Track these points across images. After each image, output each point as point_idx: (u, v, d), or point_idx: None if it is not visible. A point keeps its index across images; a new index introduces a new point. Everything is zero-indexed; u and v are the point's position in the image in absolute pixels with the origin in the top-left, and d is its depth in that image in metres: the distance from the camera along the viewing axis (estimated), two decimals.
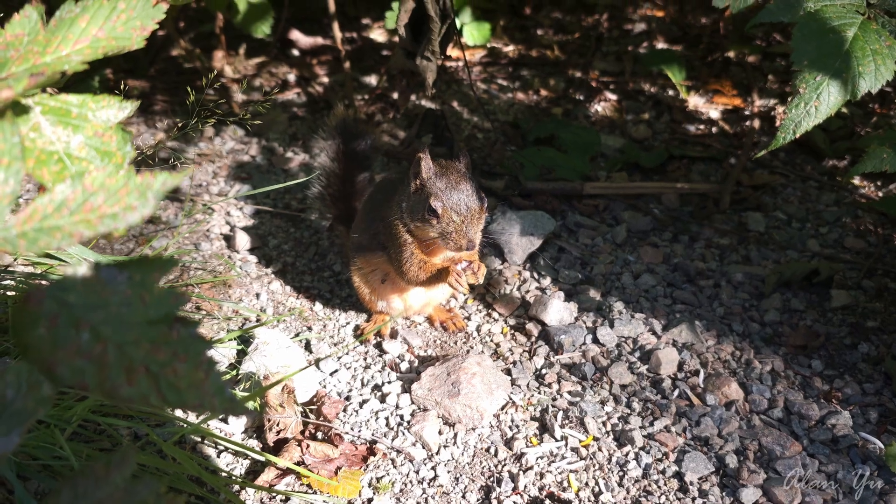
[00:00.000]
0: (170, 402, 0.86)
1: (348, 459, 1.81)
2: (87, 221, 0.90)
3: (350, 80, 3.61)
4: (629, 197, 2.97)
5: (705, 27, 4.48)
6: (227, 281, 2.43)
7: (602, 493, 1.79)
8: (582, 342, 2.25)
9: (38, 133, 1.06)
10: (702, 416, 2.00)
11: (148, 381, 0.87)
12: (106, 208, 0.92)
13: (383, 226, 2.09)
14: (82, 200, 0.92)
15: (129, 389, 0.86)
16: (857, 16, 1.77)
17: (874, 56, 1.68)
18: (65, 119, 1.11)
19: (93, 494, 0.96)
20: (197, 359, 0.90)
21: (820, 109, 1.68)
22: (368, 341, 2.24)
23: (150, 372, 0.87)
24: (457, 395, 1.95)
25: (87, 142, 1.11)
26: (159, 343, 0.89)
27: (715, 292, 2.48)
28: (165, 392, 0.87)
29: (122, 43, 1.12)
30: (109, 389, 0.85)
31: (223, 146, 3.30)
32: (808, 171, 3.18)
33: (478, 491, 1.80)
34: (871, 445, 1.94)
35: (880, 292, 2.50)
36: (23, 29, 1.11)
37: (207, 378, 0.89)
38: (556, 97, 3.79)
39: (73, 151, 1.10)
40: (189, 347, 0.90)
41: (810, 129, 1.76)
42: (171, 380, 0.88)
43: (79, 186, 0.93)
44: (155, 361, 0.88)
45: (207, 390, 0.88)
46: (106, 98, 1.15)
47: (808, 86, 1.68)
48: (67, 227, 0.90)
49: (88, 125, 1.12)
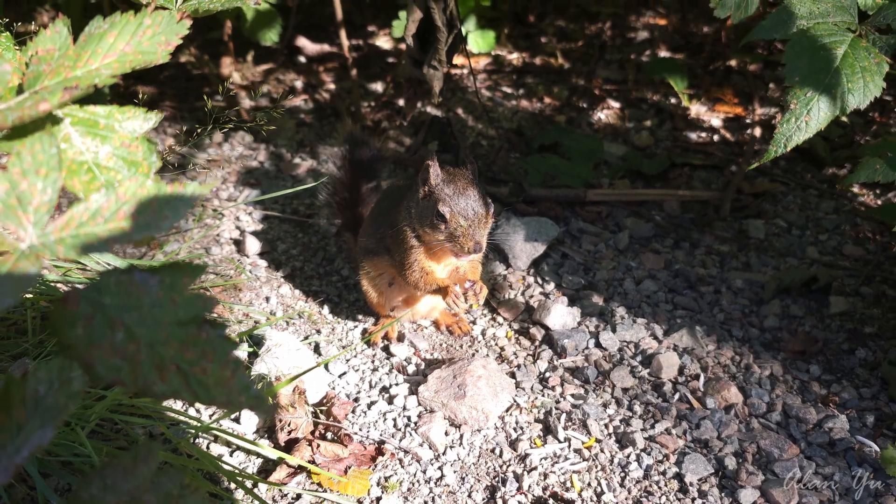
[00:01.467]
0: (200, 399, 0.92)
1: (357, 459, 1.86)
2: (122, 229, 0.96)
3: (357, 88, 3.67)
4: (631, 204, 3.02)
5: (707, 36, 4.54)
6: (238, 285, 2.48)
7: (604, 493, 1.84)
8: (585, 346, 2.30)
9: (68, 144, 1.12)
10: (702, 419, 2.04)
11: (179, 379, 0.92)
12: (139, 217, 0.97)
13: (391, 231, 2.14)
14: (115, 209, 0.98)
15: (161, 386, 0.91)
16: (847, 33, 1.83)
17: (863, 73, 1.73)
18: (93, 130, 1.16)
19: (121, 486, 1.02)
20: (224, 358, 0.95)
21: (810, 125, 1.73)
22: (376, 344, 2.29)
23: (180, 370, 0.93)
24: (463, 398, 2.00)
25: (115, 152, 1.16)
26: (188, 343, 0.94)
27: (715, 298, 2.53)
28: (196, 388, 0.92)
29: (148, 57, 1.17)
30: (143, 386, 0.90)
31: (232, 152, 3.36)
32: (808, 179, 3.23)
33: (483, 490, 1.85)
34: (867, 448, 1.98)
35: (878, 299, 2.54)
36: (54, 44, 1.17)
37: (234, 376, 0.94)
38: (559, 105, 3.85)
39: (101, 161, 1.15)
40: (217, 347, 0.95)
41: (803, 142, 1.82)
42: (199, 377, 0.93)
43: (112, 196, 0.98)
44: (184, 360, 0.93)
45: (234, 388, 0.93)
46: (131, 109, 1.21)
47: (800, 101, 1.73)
48: (102, 234, 0.96)
49: (115, 136, 1.18)
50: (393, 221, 2.13)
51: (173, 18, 1.25)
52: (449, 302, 2.07)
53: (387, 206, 2.25)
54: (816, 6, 1.93)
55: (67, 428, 1.66)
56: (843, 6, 1.95)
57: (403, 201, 2.12)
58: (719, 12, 2.27)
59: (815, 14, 1.92)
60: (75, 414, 1.69)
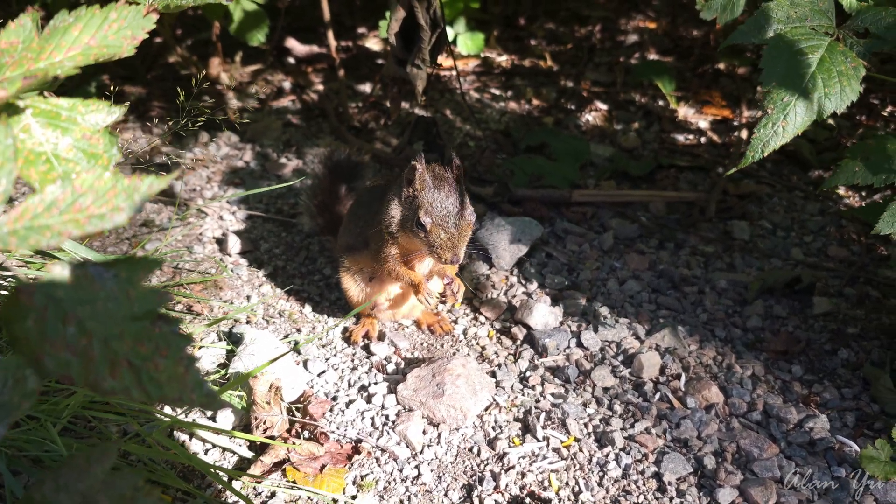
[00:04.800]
0: (151, 396, 0.91)
1: (333, 458, 1.85)
2: (76, 221, 0.95)
3: (344, 88, 3.66)
4: (617, 205, 3.02)
5: (697, 39, 4.54)
6: (219, 283, 2.47)
7: (582, 492, 1.83)
8: (566, 346, 2.29)
9: (28, 134, 1.11)
10: (682, 419, 2.04)
11: (130, 375, 0.91)
12: (94, 209, 0.96)
13: (373, 224, 2.14)
14: (71, 201, 0.97)
15: (111, 382, 0.90)
16: (825, 37, 1.83)
17: (840, 77, 1.73)
18: (54, 121, 1.16)
19: (74, 486, 1.00)
20: (178, 354, 0.94)
21: (787, 129, 1.73)
22: (356, 343, 2.28)
23: (132, 366, 0.92)
24: (441, 396, 1.99)
25: (75, 144, 1.15)
26: (142, 338, 0.93)
27: (699, 298, 2.53)
28: (147, 385, 0.91)
29: (113, 50, 1.17)
30: (93, 382, 0.89)
31: (218, 152, 3.35)
32: (794, 182, 3.23)
33: (460, 489, 1.84)
34: (847, 448, 1.98)
35: (861, 300, 2.54)
36: (17, 37, 1.16)
37: (187, 373, 0.93)
38: (547, 106, 3.85)
39: (60, 153, 1.14)
40: (171, 343, 0.94)
41: (789, 146, 1.81)
42: (152, 374, 0.92)
43: (68, 187, 0.97)
44: (138, 355, 0.92)
45: (187, 384, 0.92)
46: (95, 102, 1.20)
47: (776, 106, 1.73)
48: (57, 226, 0.95)
49: (77, 128, 1.17)
50: (375, 213, 2.13)
51: (140, 13, 1.24)
52: (420, 299, 2.07)
53: (367, 201, 2.25)
54: (794, 10, 1.93)
55: (38, 424, 1.65)
56: (820, 10, 1.95)
57: (386, 194, 2.12)
58: (706, 14, 2.27)
59: (793, 18, 1.92)
60: (47, 410, 1.68)
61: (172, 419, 1.83)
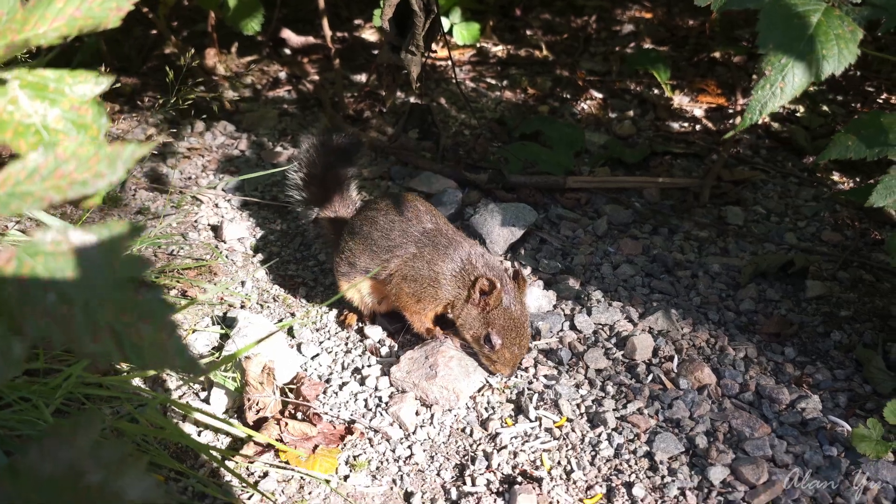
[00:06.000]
0: (131, 360, 0.91)
1: (326, 438, 1.86)
2: (58, 187, 0.95)
3: (340, 78, 3.66)
4: (611, 191, 3.02)
5: (692, 29, 4.54)
6: (214, 269, 2.48)
7: (574, 471, 1.83)
8: (559, 328, 2.30)
9: (15, 106, 1.11)
10: (674, 400, 2.04)
11: (112, 341, 0.91)
12: (76, 175, 0.96)
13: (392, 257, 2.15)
14: (54, 168, 0.97)
15: (93, 346, 0.90)
16: (821, 2, 1.82)
17: (837, 40, 1.72)
18: (42, 93, 1.16)
19: (60, 455, 1.00)
20: (160, 321, 0.94)
21: (785, 91, 1.72)
22: (350, 326, 2.28)
23: (114, 332, 0.92)
24: (434, 378, 1.99)
25: (64, 115, 1.15)
26: (124, 305, 0.93)
27: (692, 282, 2.53)
28: (128, 351, 0.91)
29: (98, 21, 1.16)
30: (75, 346, 0.89)
31: (213, 141, 3.35)
32: (788, 168, 3.23)
33: (452, 469, 1.84)
34: (838, 428, 1.98)
35: (855, 283, 2.54)
36: (2, 8, 1.16)
37: (170, 339, 0.93)
38: (542, 95, 3.85)
39: (49, 124, 1.14)
40: (153, 310, 0.94)
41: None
42: (134, 340, 0.92)
43: (51, 155, 0.97)
44: (120, 322, 0.92)
45: (169, 351, 0.92)
46: (82, 73, 1.20)
47: (774, 68, 1.72)
48: (38, 192, 0.95)
49: (65, 99, 1.17)
50: (420, 270, 2.12)
51: None
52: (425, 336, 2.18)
53: (385, 227, 2.18)
54: None
55: (30, 405, 1.65)
56: None
57: (436, 260, 2.10)
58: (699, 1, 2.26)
59: None
60: (40, 391, 1.69)
61: (165, 398, 1.83)
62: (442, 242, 2.11)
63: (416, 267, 2.10)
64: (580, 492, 1.79)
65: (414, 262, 2.10)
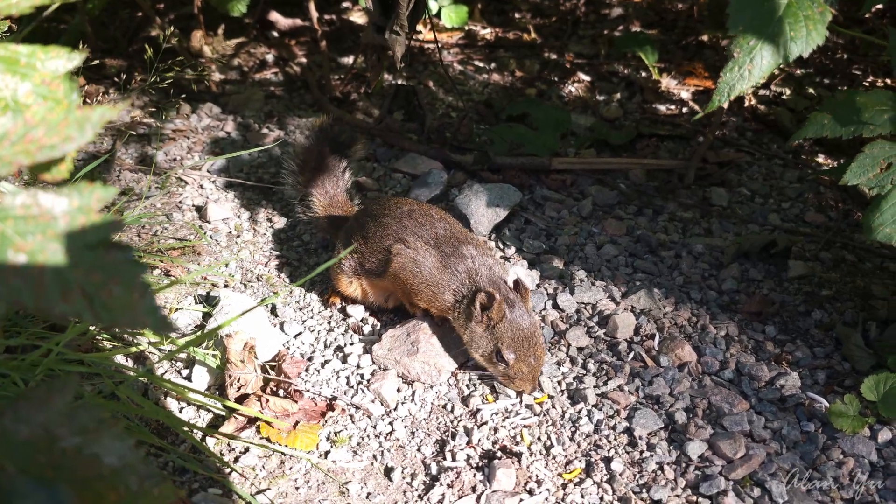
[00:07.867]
0: (102, 320, 0.91)
1: (307, 414, 1.86)
2: (27, 151, 0.95)
3: (327, 60, 3.65)
4: (596, 172, 3.02)
5: (681, 12, 4.53)
6: (197, 249, 2.48)
7: (553, 446, 1.85)
8: (542, 307, 2.31)
9: None
10: (654, 377, 2.06)
11: (83, 301, 0.91)
12: (46, 140, 0.96)
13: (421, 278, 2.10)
14: (23, 133, 0.97)
15: (63, 306, 0.90)
16: None
17: (806, 21, 1.73)
18: (13, 68, 1.15)
19: (34, 418, 1.00)
20: (131, 281, 0.94)
21: (753, 73, 1.73)
22: (333, 305, 2.29)
23: (85, 293, 0.92)
24: (415, 354, 2.00)
25: (35, 89, 1.15)
26: (95, 267, 0.93)
27: (675, 262, 2.54)
28: (99, 310, 0.91)
29: None
30: (44, 307, 0.90)
31: (199, 123, 3.33)
32: (773, 150, 3.24)
33: (433, 444, 1.85)
34: (816, 404, 2.00)
35: (837, 263, 2.56)
36: None
37: (141, 300, 0.93)
38: (530, 78, 3.84)
39: (20, 98, 1.14)
40: (124, 271, 0.94)
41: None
42: (105, 300, 0.92)
43: (20, 120, 0.97)
44: (90, 283, 0.92)
45: (140, 310, 0.93)
46: (55, 49, 1.20)
47: (743, 50, 1.73)
48: (7, 156, 0.95)
49: (37, 74, 1.17)
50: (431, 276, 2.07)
51: None
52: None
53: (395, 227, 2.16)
54: None
55: (9, 381, 1.65)
56: None
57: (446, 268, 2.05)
58: None
59: None
60: (18, 367, 1.69)
61: (146, 374, 1.84)
62: (447, 251, 2.07)
63: (419, 262, 2.08)
64: (559, 466, 1.81)
65: (415, 263, 2.08)
